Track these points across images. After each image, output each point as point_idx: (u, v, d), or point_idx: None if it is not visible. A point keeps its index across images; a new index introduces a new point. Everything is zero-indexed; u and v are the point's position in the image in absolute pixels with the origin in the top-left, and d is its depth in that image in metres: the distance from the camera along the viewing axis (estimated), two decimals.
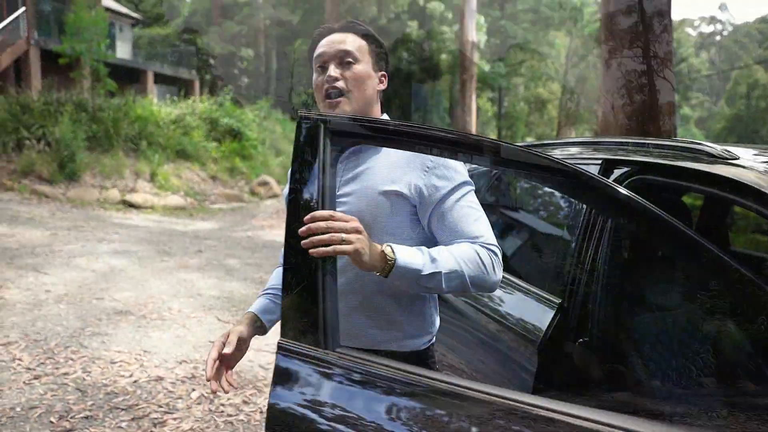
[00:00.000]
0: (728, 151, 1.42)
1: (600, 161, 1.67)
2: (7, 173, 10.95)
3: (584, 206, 1.72)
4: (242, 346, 1.40)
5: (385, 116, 1.51)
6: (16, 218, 8.38)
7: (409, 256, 1.23)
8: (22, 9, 18.09)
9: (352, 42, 1.42)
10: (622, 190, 1.06)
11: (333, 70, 1.39)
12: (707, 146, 1.48)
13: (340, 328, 1.16)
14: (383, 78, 1.48)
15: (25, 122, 11.72)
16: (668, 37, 3.85)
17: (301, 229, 1.09)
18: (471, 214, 1.37)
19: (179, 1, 37.19)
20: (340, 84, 1.39)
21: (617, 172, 1.59)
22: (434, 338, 1.51)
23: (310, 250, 1.09)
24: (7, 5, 19.07)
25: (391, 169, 1.37)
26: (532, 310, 1.71)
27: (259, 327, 1.48)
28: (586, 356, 1.51)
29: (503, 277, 2.05)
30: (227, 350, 1.34)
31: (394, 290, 1.37)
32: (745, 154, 1.42)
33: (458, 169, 1.39)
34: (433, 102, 28.74)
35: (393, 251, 1.21)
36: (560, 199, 2.17)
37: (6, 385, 3.46)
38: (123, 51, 24.58)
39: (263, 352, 4.11)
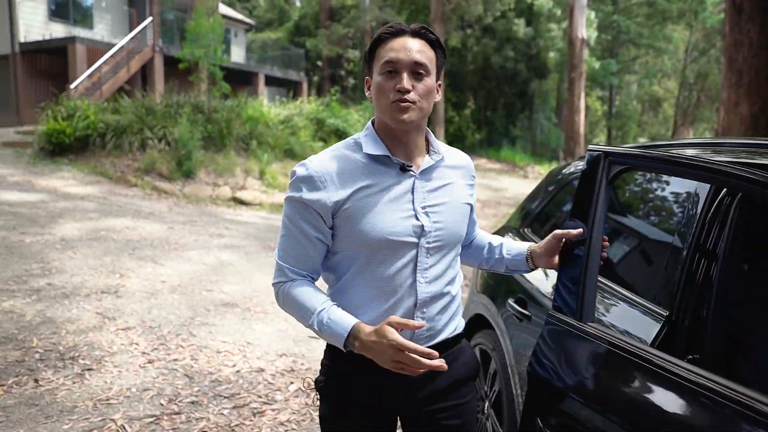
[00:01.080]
0: None
1: None
2: (133, 171, 11.83)
3: (698, 211, 1.59)
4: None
5: None
6: (138, 212, 9.02)
7: None
8: (150, 19, 19.51)
9: (425, 53, 1.42)
10: None
11: (407, 81, 1.38)
12: None
13: (589, 305, 1.52)
14: (439, 88, 1.50)
15: (149, 123, 12.62)
16: None
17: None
18: None
19: (290, 6, 38.61)
20: (412, 96, 1.39)
21: None
22: None
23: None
24: (137, 16, 20.66)
25: (463, 182, 1.58)
26: (637, 322, 1.60)
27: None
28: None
29: (607, 285, 1.94)
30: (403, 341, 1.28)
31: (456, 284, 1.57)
32: None
33: None
34: (539, 101, 27.99)
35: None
36: (673, 204, 2.02)
37: (124, 367, 3.72)
38: (237, 55, 25.89)
39: None
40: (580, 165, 2.79)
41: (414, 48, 1.40)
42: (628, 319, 1.66)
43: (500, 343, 2.37)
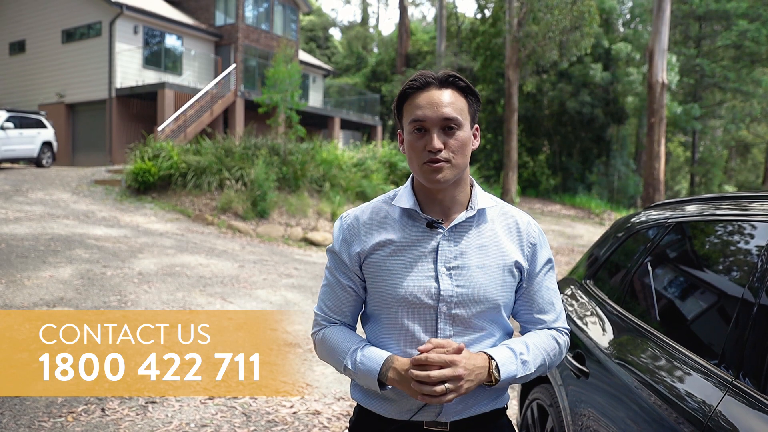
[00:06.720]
0: None
1: None
2: (210, 209, 12.31)
3: None
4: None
5: None
6: (212, 250, 9.33)
7: (507, 367, 1.32)
8: (233, 66, 20.59)
9: (455, 104, 1.32)
10: None
11: (437, 141, 1.29)
12: None
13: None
14: (476, 133, 1.39)
15: (227, 164, 13.16)
16: None
17: None
18: (555, 294, 1.46)
19: (367, 52, 39.77)
20: (444, 155, 1.30)
21: None
22: None
23: None
24: (222, 63, 21.83)
25: (509, 245, 1.40)
26: (700, 386, 1.48)
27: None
28: None
29: (673, 345, 1.81)
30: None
31: None
32: None
33: (549, 245, 1.48)
34: (617, 147, 27.26)
35: (498, 372, 1.30)
36: (756, 257, 1.88)
37: (185, 401, 3.79)
38: (314, 99, 26.78)
39: None
40: (652, 214, 2.67)
41: (443, 101, 1.30)
42: (691, 383, 1.54)
43: (557, 399, 2.25)
